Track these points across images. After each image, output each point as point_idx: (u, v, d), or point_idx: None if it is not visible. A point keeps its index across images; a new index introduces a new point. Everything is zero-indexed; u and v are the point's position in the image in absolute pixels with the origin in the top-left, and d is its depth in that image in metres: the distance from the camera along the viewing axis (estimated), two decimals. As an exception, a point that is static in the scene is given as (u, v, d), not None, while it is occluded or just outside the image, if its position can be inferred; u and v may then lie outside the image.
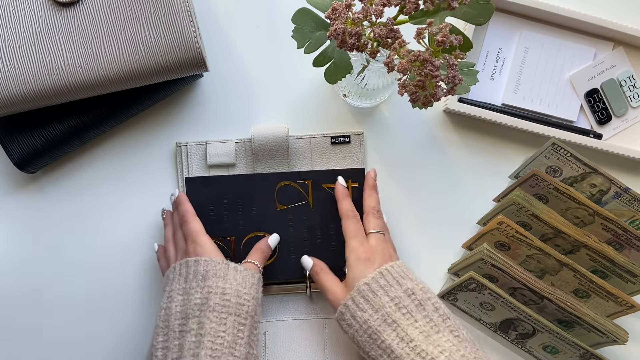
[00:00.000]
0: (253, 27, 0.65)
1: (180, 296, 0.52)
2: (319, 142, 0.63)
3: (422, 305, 0.50)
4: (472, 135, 0.64)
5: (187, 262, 0.53)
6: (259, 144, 0.61)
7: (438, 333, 0.49)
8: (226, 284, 0.51)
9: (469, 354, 0.48)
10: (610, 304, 0.59)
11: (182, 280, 0.53)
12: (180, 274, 0.53)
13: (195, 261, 0.53)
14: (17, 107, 0.55)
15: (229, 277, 0.52)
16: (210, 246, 0.54)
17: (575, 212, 0.59)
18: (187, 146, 0.62)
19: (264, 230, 0.60)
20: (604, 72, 0.64)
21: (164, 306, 0.52)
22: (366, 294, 0.51)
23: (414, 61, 0.43)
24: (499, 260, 0.56)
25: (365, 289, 0.51)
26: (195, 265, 0.53)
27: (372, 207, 0.58)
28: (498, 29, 0.65)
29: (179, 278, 0.53)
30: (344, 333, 0.53)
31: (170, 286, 0.53)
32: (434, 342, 0.48)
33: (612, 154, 0.62)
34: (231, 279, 0.52)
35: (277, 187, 0.60)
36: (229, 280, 0.52)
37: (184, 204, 0.58)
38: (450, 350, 0.47)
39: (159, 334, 0.51)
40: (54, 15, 0.55)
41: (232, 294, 0.51)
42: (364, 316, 0.50)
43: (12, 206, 0.63)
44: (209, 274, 0.52)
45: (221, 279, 0.52)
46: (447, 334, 0.49)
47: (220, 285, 0.51)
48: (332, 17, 0.45)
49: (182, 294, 0.52)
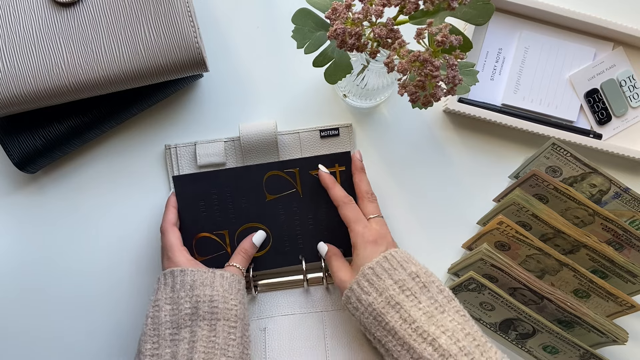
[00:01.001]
0: (253, 27, 0.65)
1: (169, 305, 0.52)
2: (308, 136, 0.63)
3: (426, 287, 0.51)
4: (472, 135, 0.64)
5: (172, 272, 0.54)
6: (247, 141, 0.61)
7: (443, 313, 0.49)
8: (213, 291, 0.53)
9: (474, 332, 0.48)
10: (610, 304, 0.59)
11: (168, 289, 0.53)
12: (166, 284, 0.54)
13: (182, 271, 0.53)
14: (17, 107, 0.55)
15: (215, 284, 0.53)
16: (185, 262, 0.55)
17: (575, 212, 0.59)
18: (176, 148, 0.62)
19: (256, 221, 0.60)
20: (603, 72, 0.64)
21: (151, 315, 0.53)
22: (370, 278, 0.52)
23: (414, 61, 0.43)
24: (499, 260, 0.56)
25: (369, 273, 0.52)
26: (181, 275, 0.53)
27: (366, 190, 0.59)
28: (498, 29, 0.65)
29: (165, 287, 0.53)
30: (351, 316, 0.55)
31: (157, 295, 0.53)
32: (437, 322, 0.49)
33: (612, 154, 0.62)
34: (218, 286, 0.53)
35: (265, 178, 0.60)
36: (216, 288, 0.53)
37: (167, 210, 0.58)
38: (454, 330, 0.48)
39: (147, 342, 0.52)
40: (54, 15, 0.55)
41: (219, 300, 0.52)
42: (369, 299, 0.51)
43: (12, 206, 0.63)
44: (196, 283, 0.53)
45: (208, 287, 0.53)
46: (453, 314, 0.49)
47: (207, 293, 0.52)
48: (332, 17, 0.45)
49: (169, 303, 0.52)
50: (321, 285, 0.61)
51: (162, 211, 0.62)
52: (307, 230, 0.61)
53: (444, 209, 0.64)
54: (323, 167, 0.60)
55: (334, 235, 0.60)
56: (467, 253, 0.62)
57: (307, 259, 0.61)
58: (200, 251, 0.60)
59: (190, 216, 0.59)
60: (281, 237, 0.61)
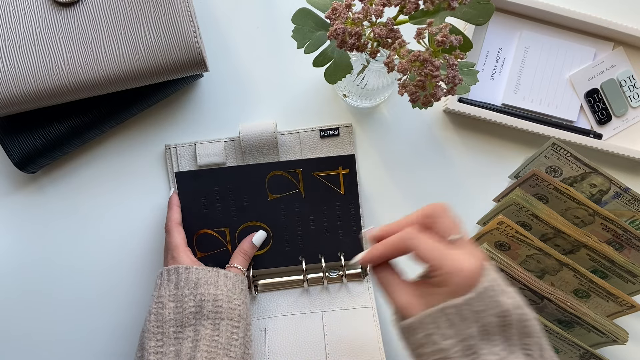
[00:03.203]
0: (253, 27, 0.65)
1: (172, 303, 0.52)
2: (308, 136, 0.63)
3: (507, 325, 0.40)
4: (472, 135, 0.64)
5: (177, 268, 0.53)
6: (247, 141, 0.61)
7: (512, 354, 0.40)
8: (217, 291, 0.53)
9: None
10: (610, 304, 0.59)
11: (172, 286, 0.53)
12: (169, 280, 0.53)
13: (187, 268, 0.53)
14: (17, 107, 0.55)
15: (219, 283, 0.53)
16: (189, 264, 0.55)
17: (575, 212, 0.59)
18: (176, 148, 0.63)
19: (258, 220, 0.60)
20: (604, 72, 0.64)
21: (154, 311, 0.52)
22: (453, 319, 0.40)
23: (414, 61, 0.43)
24: (499, 260, 0.56)
25: (452, 313, 0.40)
26: (186, 272, 0.53)
27: None
28: (498, 29, 0.65)
29: (168, 284, 0.53)
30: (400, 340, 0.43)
31: (159, 291, 0.53)
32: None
33: (612, 154, 0.62)
34: (222, 285, 0.53)
35: (268, 177, 0.60)
36: (220, 287, 0.53)
37: (171, 209, 0.59)
38: None
39: (151, 339, 0.51)
40: (54, 15, 0.55)
41: (223, 300, 0.52)
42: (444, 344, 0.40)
43: (12, 206, 0.63)
44: (200, 281, 0.53)
45: (212, 286, 0.53)
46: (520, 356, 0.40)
47: (212, 292, 0.52)
48: (332, 17, 0.45)
49: (173, 300, 0.52)
50: (321, 285, 0.61)
51: (163, 211, 0.62)
52: (308, 232, 0.61)
53: (444, 209, 0.64)
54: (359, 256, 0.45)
55: (335, 237, 0.61)
56: (467, 253, 0.62)
57: (307, 260, 0.61)
58: (200, 247, 0.60)
59: (191, 213, 0.60)
60: (282, 237, 0.61)
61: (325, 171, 0.60)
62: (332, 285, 0.61)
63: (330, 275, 0.61)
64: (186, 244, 0.57)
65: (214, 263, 0.56)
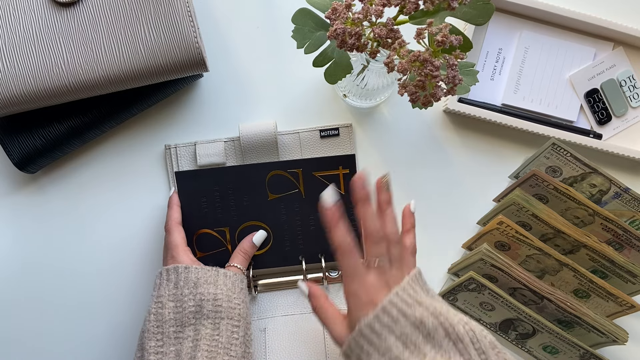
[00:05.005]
0: (253, 28, 0.65)
1: (172, 302, 0.52)
2: (308, 136, 0.63)
3: (430, 335, 0.44)
4: (472, 135, 0.65)
5: (176, 268, 0.53)
6: (247, 141, 0.61)
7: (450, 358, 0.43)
8: (217, 290, 0.53)
9: None
10: (610, 304, 0.59)
11: (171, 285, 0.53)
12: (169, 280, 0.53)
13: (186, 268, 0.53)
14: (17, 107, 0.55)
15: (219, 283, 0.53)
16: (189, 263, 0.55)
17: (575, 212, 0.59)
18: (176, 148, 0.62)
19: (258, 219, 0.60)
20: (604, 72, 0.64)
21: (154, 311, 0.52)
22: (369, 338, 0.44)
23: (414, 61, 0.43)
24: (499, 260, 0.56)
25: (367, 332, 0.44)
26: (185, 272, 0.53)
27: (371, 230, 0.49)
28: (498, 29, 0.65)
29: (168, 284, 0.53)
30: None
31: (159, 291, 0.53)
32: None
33: (612, 154, 0.62)
34: (221, 285, 0.53)
35: (268, 177, 0.60)
36: (220, 286, 0.53)
37: (171, 209, 0.59)
38: None
39: (151, 339, 0.51)
40: (54, 15, 0.55)
41: (223, 299, 0.52)
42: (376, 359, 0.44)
43: (12, 206, 0.63)
44: (200, 281, 0.53)
45: (212, 285, 0.53)
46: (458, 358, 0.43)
47: (211, 292, 0.52)
48: (332, 17, 0.45)
49: (173, 300, 0.52)
50: (321, 285, 0.61)
51: (163, 211, 0.62)
52: (308, 231, 0.61)
53: (444, 209, 0.64)
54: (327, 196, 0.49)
55: None
56: (467, 253, 0.62)
57: (307, 260, 0.61)
58: (200, 247, 0.60)
59: (191, 212, 0.60)
60: (282, 237, 0.61)
61: (326, 171, 0.60)
62: (332, 285, 0.61)
63: (330, 275, 0.61)
64: (186, 244, 0.57)
65: (213, 263, 0.56)
